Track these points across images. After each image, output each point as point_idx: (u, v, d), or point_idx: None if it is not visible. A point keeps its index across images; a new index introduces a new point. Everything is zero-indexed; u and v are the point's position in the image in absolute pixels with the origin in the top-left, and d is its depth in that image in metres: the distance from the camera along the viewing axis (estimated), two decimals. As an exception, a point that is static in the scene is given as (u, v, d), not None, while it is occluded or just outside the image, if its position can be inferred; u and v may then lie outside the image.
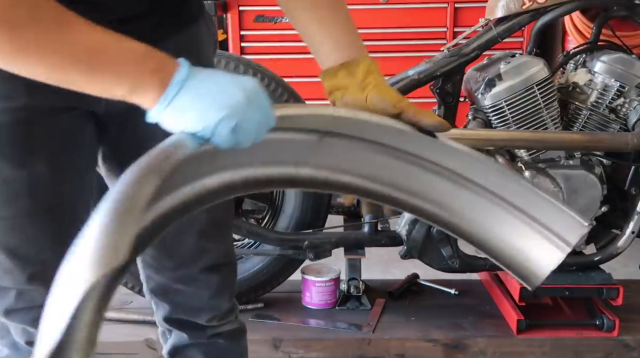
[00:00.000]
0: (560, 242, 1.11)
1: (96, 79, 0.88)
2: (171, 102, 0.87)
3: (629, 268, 2.66)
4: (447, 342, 2.21)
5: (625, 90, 2.13)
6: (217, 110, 0.87)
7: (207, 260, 1.37)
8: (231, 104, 0.88)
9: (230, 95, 0.88)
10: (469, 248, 2.21)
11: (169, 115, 0.88)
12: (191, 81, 0.88)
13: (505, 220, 1.12)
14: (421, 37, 3.71)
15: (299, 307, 2.36)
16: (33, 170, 1.10)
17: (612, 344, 2.20)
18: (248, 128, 0.89)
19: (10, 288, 1.18)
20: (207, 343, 1.45)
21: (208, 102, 0.87)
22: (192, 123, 0.87)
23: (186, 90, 0.88)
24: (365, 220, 2.25)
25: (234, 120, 0.88)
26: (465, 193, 1.12)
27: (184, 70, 0.89)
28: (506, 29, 2.17)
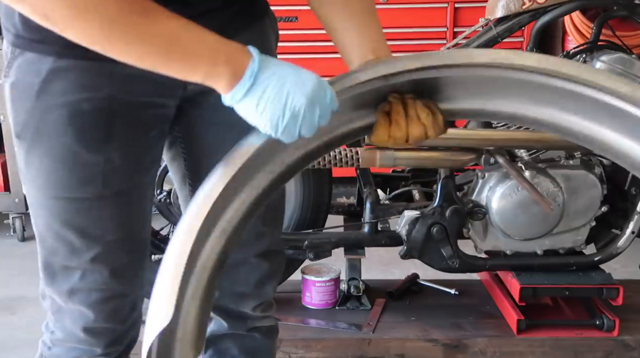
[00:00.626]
0: None
1: (173, 66, 1.00)
2: (245, 95, 0.99)
3: (629, 268, 2.66)
4: (447, 342, 2.21)
5: (625, 90, 2.13)
6: (285, 112, 0.99)
7: (262, 245, 1.42)
8: (295, 106, 0.99)
9: (294, 98, 0.99)
10: (469, 248, 2.23)
11: (243, 107, 1.01)
12: (263, 75, 0.99)
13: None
14: (421, 37, 3.70)
15: (299, 307, 2.36)
16: (108, 156, 1.18)
17: (612, 344, 2.20)
18: (312, 123, 1.01)
19: (75, 268, 1.23)
20: (245, 335, 1.49)
21: (277, 104, 0.99)
22: (262, 121, 1.00)
23: (257, 86, 0.99)
24: (365, 220, 2.25)
25: (298, 120, 1.00)
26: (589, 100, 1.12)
27: (256, 62, 1.00)
28: (506, 29, 2.18)
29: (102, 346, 1.29)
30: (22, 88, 1.15)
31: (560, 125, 1.17)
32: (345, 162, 2.10)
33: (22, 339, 2.59)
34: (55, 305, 1.29)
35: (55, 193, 1.19)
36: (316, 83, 1.01)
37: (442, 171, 2.14)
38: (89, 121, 1.15)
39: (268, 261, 1.44)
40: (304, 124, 1.00)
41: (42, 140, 1.16)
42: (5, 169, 3.57)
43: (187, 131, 1.32)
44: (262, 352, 1.53)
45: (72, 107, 1.13)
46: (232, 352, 1.51)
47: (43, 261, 1.25)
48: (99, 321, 1.26)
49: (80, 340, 1.28)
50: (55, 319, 1.31)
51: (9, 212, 3.63)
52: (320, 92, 1.01)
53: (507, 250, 2.20)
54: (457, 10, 3.83)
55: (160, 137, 1.27)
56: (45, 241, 1.24)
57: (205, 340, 0.86)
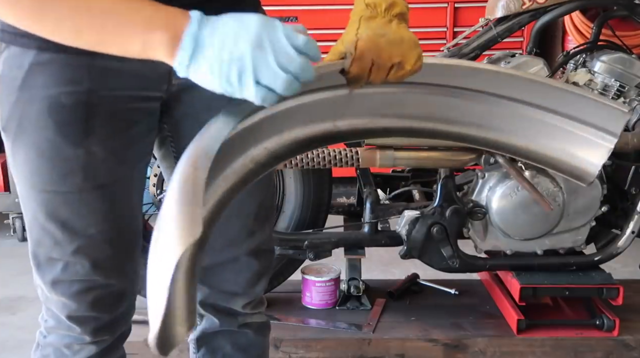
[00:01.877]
0: (605, 135, 1.12)
1: (108, 40, 0.95)
2: (191, 60, 0.92)
3: (629, 268, 2.66)
4: (447, 342, 2.21)
5: (625, 90, 2.13)
6: (231, 66, 0.90)
7: (252, 243, 1.41)
8: (239, 56, 0.90)
9: (236, 48, 0.90)
10: (469, 248, 2.23)
11: (194, 73, 0.93)
12: (203, 34, 0.92)
13: (547, 128, 1.13)
14: (421, 37, 3.67)
15: (299, 307, 2.36)
16: (89, 150, 1.17)
17: (612, 344, 2.20)
18: (271, 70, 0.91)
19: (58, 259, 1.24)
20: (237, 332, 1.50)
21: (223, 57, 0.90)
22: (215, 83, 0.92)
23: (200, 47, 0.92)
24: (365, 220, 2.25)
25: (247, 70, 0.90)
26: (503, 111, 1.14)
27: (194, 22, 0.92)
28: (506, 29, 2.18)
29: (89, 333, 1.30)
30: (7, 81, 1.16)
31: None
32: (345, 162, 2.10)
33: (22, 339, 2.59)
34: (44, 295, 1.31)
35: (39, 185, 1.20)
36: (259, 24, 0.91)
37: (442, 171, 2.14)
38: (68, 115, 1.15)
39: (258, 260, 1.44)
40: (260, 73, 0.90)
41: (25, 133, 1.17)
42: (5, 169, 3.57)
43: (176, 130, 1.31)
44: (255, 348, 1.53)
45: (53, 100, 1.14)
46: (225, 349, 1.51)
47: (31, 251, 1.27)
48: (81, 310, 1.27)
49: (68, 327, 1.30)
50: (46, 308, 1.33)
51: (9, 212, 3.63)
52: (266, 32, 0.91)
53: (507, 250, 2.20)
54: (457, 10, 3.83)
55: (147, 133, 1.26)
56: (32, 232, 1.26)
57: (196, 315, 0.86)
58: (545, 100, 1.14)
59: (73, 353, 1.32)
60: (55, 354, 1.33)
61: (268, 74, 0.90)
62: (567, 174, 1.16)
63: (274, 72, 0.90)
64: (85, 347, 1.31)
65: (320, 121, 1.13)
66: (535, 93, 1.14)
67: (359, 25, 1.08)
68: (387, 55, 1.07)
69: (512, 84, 1.14)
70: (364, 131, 1.17)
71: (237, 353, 1.51)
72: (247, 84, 0.91)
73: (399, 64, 1.08)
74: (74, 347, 1.32)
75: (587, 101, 1.12)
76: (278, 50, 0.91)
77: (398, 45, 1.08)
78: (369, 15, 1.09)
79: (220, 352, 1.52)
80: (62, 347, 1.32)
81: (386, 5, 1.10)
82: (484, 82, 1.14)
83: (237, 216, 1.36)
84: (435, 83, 1.14)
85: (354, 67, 1.07)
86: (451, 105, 1.15)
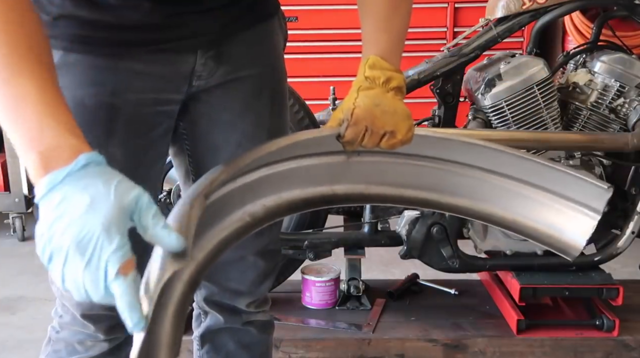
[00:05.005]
0: (589, 211, 1.18)
1: (4, 122, 0.88)
2: (39, 202, 0.83)
3: (629, 268, 2.66)
4: (447, 342, 2.21)
5: (625, 90, 2.14)
6: (49, 245, 0.81)
7: (260, 243, 1.42)
8: (58, 245, 0.80)
9: (63, 236, 0.80)
10: (469, 248, 2.23)
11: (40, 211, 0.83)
12: (56, 191, 0.82)
13: (533, 203, 1.20)
14: (421, 37, 3.71)
15: (299, 307, 2.36)
16: (109, 151, 1.16)
17: (612, 344, 2.20)
18: (71, 283, 0.81)
19: None
20: (241, 329, 1.50)
21: (51, 231, 0.81)
22: (37, 243, 0.82)
23: (45, 201, 0.82)
24: (365, 220, 2.25)
25: (58, 266, 0.80)
26: (491, 185, 1.20)
27: (62, 172, 0.82)
28: (506, 29, 2.18)
29: (103, 332, 1.30)
30: None
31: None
32: (345, 162, 2.10)
33: (22, 339, 2.60)
34: (59, 291, 1.30)
35: None
36: (100, 229, 0.79)
37: (442, 171, 2.14)
38: (91, 116, 1.15)
39: (265, 260, 1.44)
40: (66, 277, 0.80)
41: None
42: (5, 169, 3.57)
43: (192, 128, 1.32)
44: (258, 346, 1.54)
45: (76, 101, 1.13)
46: (229, 347, 1.52)
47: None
48: (95, 309, 1.27)
49: (82, 324, 1.30)
50: (61, 304, 1.33)
51: (9, 212, 3.63)
52: (98, 245, 0.79)
53: (507, 250, 2.20)
54: (457, 10, 3.83)
55: (165, 134, 1.28)
56: None
57: (180, 345, 0.86)
58: (533, 176, 1.20)
59: (85, 349, 1.32)
60: (67, 350, 1.33)
61: (72, 281, 0.81)
62: (554, 248, 1.22)
63: (77, 285, 0.81)
64: (98, 344, 1.32)
65: (318, 185, 1.19)
66: (523, 169, 1.20)
67: (357, 95, 1.15)
68: (380, 124, 1.15)
69: (501, 159, 1.21)
70: (359, 197, 1.24)
71: (241, 350, 1.52)
72: (53, 270, 0.81)
73: (391, 132, 1.16)
74: (87, 343, 1.32)
75: (572, 178, 1.19)
76: (90, 272, 0.80)
77: (391, 115, 1.15)
78: (367, 86, 1.16)
79: (224, 349, 1.52)
80: (75, 343, 1.33)
81: (384, 79, 1.17)
82: (475, 157, 1.21)
83: None
84: (428, 155, 1.22)
85: (349, 131, 1.14)
86: (443, 177, 1.22)
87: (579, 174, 1.19)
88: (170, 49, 1.17)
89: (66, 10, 1.09)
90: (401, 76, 1.19)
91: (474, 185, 1.21)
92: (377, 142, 1.16)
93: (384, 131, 1.15)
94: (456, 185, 1.22)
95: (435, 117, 2.27)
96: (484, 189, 1.21)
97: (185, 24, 1.17)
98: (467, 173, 1.21)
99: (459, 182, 1.21)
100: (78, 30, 1.10)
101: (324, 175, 1.18)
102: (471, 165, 1.21)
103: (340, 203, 1.26)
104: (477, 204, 1.22)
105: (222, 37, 1.22)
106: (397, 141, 1.17)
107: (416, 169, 1.22)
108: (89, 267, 0.79)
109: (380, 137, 1.16)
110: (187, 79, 1.22)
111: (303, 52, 3.50)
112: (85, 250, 0.79)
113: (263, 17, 1.30)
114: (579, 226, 1.19)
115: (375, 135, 1.15)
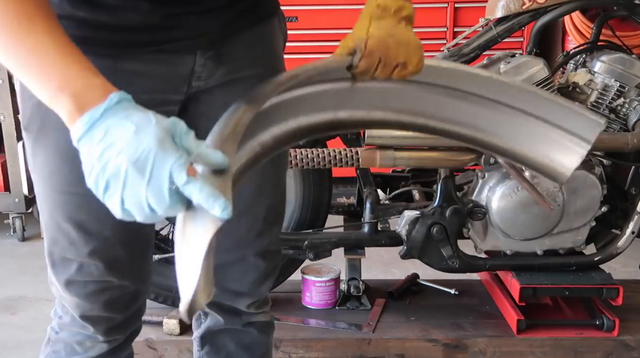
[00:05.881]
0: (580, 141, 1.24)
1: (26, 78, 0.93)
2: (79, 141, 0.86)
3: (629, 268, 2.67)
4: (447, 342, 2.21)
5: (625, 90, 2.14)
6: (103, 174, 0.84)
7: (260, 244, 1.42)
8: (115, 170, 0.83)
9: (117, 159, 0.83)
10: (469, 248, 2.23)
11: (81, 147, 0.87)
12: (99, 126, 0.85)
13: (528, 131, 1.25)
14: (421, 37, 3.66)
15: (299, 307, 2.36)
16: None
17: (612, 344, 2.20)
18: (134, 203, 0.85)
19: (73, 260, 1.24)
20: (241, 330, 1.51)
21: (102, 161, 0.84)
22: (87, 177, 0.86)
23: (87, 137, 0.85)
24: (365, 220, 2.25)
25: (118, 190, 0.84)
26: (490, 113, 1.25)
27: (100, 109, 0.86)
28: (506, 29, 2.18)
29: (101, 333, 1.31)
30: None
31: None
32: (345, 162, 2.10)
33: (22, 339, 2.60)
34: (58, 292, 1.31)
35: (57, 186, 1.20)
36: (153, 147, 0.83)
37: (442, 171, 2.15)
38: None
39: (265, 260, 1.44)
40: (126, 197, 0.84)
41: (46, 135, 1.17)
42: (5, 169, 3.57)
43: (192, 129, 1.32)
44: (259, 347, 1.54)
45: None
46: (229, 348, 1.52)
47: (47, 249, 1.27)
48: (95, 310, 1.28)
49: (81, 325, 1.30)
50: (61, 305, 1.33)
51: (9, 212, 3.63)
52: (154, 160, 0.83)
53: (507, 250, 2.20)
54: (457, 10, 3.83)
55: None
56: (48, 231, 1.26)
57: (213, 288, 0.89)
58: (531, 106, 1.25)
59: (84, 350, 1.33)
60: (66, 350, 1.34)
61: (133, 202, 0.85)
62: (543, 174, 1.29)
63: (139, 203, 0.84)
64: (97, 345, 1.32)
65: (323, 111, 1.21)
66: (522, 99, 1.25)
67: (370, 24, 1.13)
68: (394, 55, 1.13)
69: (502, 89, 1.25)
70: (361, 122, 1.26)
71: (241, 351, 1.52)
72: (111, 198, 0.85)
73: (403, 64, 1.15)
74: (86, 344, 1.32)
75: (569, 110, 1.25)
76: (153, 185, 0.83)
77: (405, 46, 1.14)
78: (379, 15, 1.14)
79: (224, 350, 1.53)
80: (74, 343, 1.33)
81: (396, 8, 1.15)
82: (477, 86, 1.24)
83: (247, 217, 1.36)
84: (432, 82, 1.24)
85: (362, 63, 1.13)
86: (444, 104, 1.26)
87: (574, 106, 1.26)
88: (169, 49, 1.17)
89: (64, 11, 1.09)
90: (411, 5, 1.18)
91: (473, 112, 1.25)
92: (389, 73, 1.15)
93: (397, 62, 1.14)
94: (456, 112, 1.25)
95: (435, 117, 2.28)
96: (482, 116, 1.25)
97: (184, 24, 1.17)
98: (468, 100, 1.25)
99: (458, 109, 1.25)
100: (76, 31, 1.10)
101: (328, 102, 1.20)
102: (472, 93, 1.24)
103: (343, 129, 1.27)
104: (473, 131, 1.27)
105: (221, 38, 1.22)
106: (408, 72, 1.16)
107: (418, 95, 1.24)
108: (152, 181, 0.83)
109: (393, 69, 1.15)
110: (187, 80, 1.22)
111: (303, 52, 3.50)
112: (145, 167, 0.83)
113: (263, 17, 1.30)
114: (569, 155, 1.25)
115: (388, 67, 1.14)
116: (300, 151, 2.13)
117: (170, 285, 2.20)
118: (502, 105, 1.25)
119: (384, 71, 1.15)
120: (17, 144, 3.49)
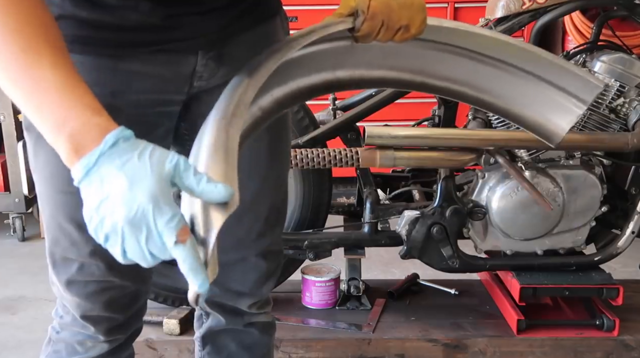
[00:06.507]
0: (577, 102, 1.24)
1: (27, 111, 0.91)
2: (79, 183, 0.86)
3: (629, 268, 2.67)
4: (447, 342, 2.21)
5: (625, 90, 2.13)
6: (102, 225, 0.84)
7: (262, 244, 1.42)
8: (112, 224, 0.83)
9: (113, 215, 0.83)
10: (469, 248, 2.23)
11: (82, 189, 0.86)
12: (94, 174, 0.84)
13: (526, 88, 1.25)
14: (421, 37, 3.70)
15: (298, 307, 2.36)
16: None
17: (612, 344, 2.20)
18: (135, 253, 0.84)
19: (74, 260, 1.24)
20: (242, 331, 1.51)
21: (99, 213, 0.84)
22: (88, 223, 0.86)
23: (86, 182, 0.84)
24: (365, 220, 2.25)
25: (117, 242, 0.84)
26: (487, 71, 1.25)
27: (94, 154, 0.84)
28: (506, 29, 2.17)
29: (102, 333, 1.31)
30: None
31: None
32: (345, 162, 2.10)
33: (22, 339, 2.60)
34: (59, 292, 1.31)
35: (59, 186, 1.20)
36: (146, 199, 0.82)
37: (442, 171, 2.15)
38: None
39: (267, 261, 1.44)
40: (128, 248, 0.84)
41: None
42: (5, 169, 3.57)
43: (194, 129, 1.32)
44: (260, 348, 1.54)
45: None
46: (230, 348, 1.52)
47: (48, 249, 1.27)
48: (95, 310, 1.28)
49: (82, 325, 1.30)
50: (62, 304, 1.33)
51: (9, 212, 3.63)
52: (149, 213, 0.82)
53: (507, 250, 2.21)
54: (457, 10, 3.83)
55: (166, 135, 1.27)
56: (49, 231, 1.26)
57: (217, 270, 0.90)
58: (531, 65, 1.24)
59: (85, 350, 1.33)
60: (67, 350, 1.34)
61: (135, 253, 0.84)
62: (536, 134, 1.30)
63: (141, 254, 0.84)
64: (98, 345, 1.32)
65: (322, 71, 1.21)
66: (523, 58, 1.24)
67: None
68: (397, 18, 1.12)
69: (503, 48, 1.25)
70: (360, 81, 1.26)
71: (242, 351, 1.52)
72: (112, 248, 0.85)
73: (405, 26, 1.14)
74: (87, 344, 1.32)
75: (568, 71, 1.25)
76: (152, 241, 0.83)
77: (408, 8, 1.13)
78: None
79: (226, 350, 1.53)
80: (75, 343, 1.33)
81: None
82: (478, 44, 1.24)
83: (248, 217, 1.36)
84: (432, 39, 1.24)
85: (365, 26, 1.11)
86: (443, 62, 1.25)
87: (574, 68, 1.26)
88: (170, 49, 1.17)
89: (66, 11, 1.09)
90: None
91: (472, 70, 1.25)
92: (391, 36, 1.13)
93: (400, 25, 1.13)
94: (455, 70, 1.25)
95: (435, 116, 2.28)
96: (481, 75, 1.25)
97: (186, 24, 1.17)
98: (467, 58, 1.25)
99: (458, 67, 1.25)
100: (78, 31, 1.10)
101: (327, 62, 1.19)
102: (472, 50, 1.24)
103: (342, 88, 1.27)
104: (471, 89, 1.28)
105: (223, 38, 1.22)
106: (410, 35, 1.15)
107: (417, 53, 1.24)
108: (150, 238, 0.83)
109: (395, 32, 1.13)
110: (188, 80, 1.22)
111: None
112: (140, 226, 0.82)
113: (265, 17, 1.30)
114: (565, 115, 1.25)
115: (391, 30, 1.12)
116: (300, 151, 2.13)
117: (170, 285, 2.20)
118: (502, 63, 1.24)
119: (386, 34, 1.13)
120: (17, 144, 3.49)
